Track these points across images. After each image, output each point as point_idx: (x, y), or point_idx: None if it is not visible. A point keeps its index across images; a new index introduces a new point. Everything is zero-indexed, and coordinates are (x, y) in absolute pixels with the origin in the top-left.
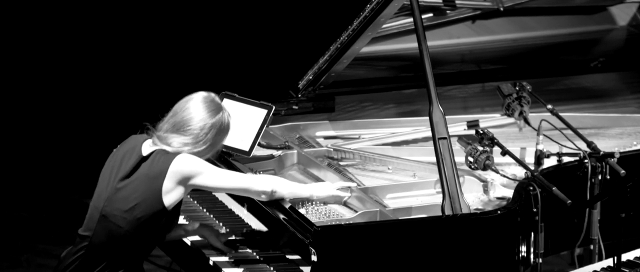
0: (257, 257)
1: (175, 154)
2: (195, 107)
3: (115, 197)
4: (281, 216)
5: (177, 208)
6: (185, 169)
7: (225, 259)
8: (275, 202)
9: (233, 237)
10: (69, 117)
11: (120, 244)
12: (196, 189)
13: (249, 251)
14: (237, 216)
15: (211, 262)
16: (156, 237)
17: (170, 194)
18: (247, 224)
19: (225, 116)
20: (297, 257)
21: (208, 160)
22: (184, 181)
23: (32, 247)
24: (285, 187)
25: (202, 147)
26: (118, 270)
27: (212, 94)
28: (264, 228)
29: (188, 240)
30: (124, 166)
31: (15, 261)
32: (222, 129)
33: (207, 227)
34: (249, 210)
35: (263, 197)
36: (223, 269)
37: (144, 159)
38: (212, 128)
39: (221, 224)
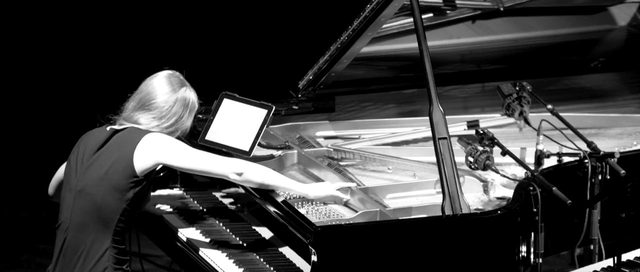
0: (257, 256)
1: (149, 131)
2: (158, 82)
3: (90, 169)
4: (281, 216)
5: (149, 178)
6: (156, 143)
7: (225, 258)
8: (276, 203)
9: (229, 233)
10: (68, 117)
11: (100, 216)
12: (187, 180)
13: (249, 250)
14: (238, 216)
15: (211, 262)
16: (133, 206)
17: (141, 161)
18: (248, 224)
19: (189, 92)
20: (297, 257)
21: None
22: (153, 154)
23: (32, 247)
24: (266, 175)
25: (168, 122)
26: (102, 246)
27: (177, 72)
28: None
29: (186, 238)
30: (92, 145)
31: (15, 261)
32: (186, 104)
33: (208, 225)
34: (249, 211)
35: (233, 178)
36: (223, 268)
37: (116, 132)
38: (176, 102)
39: (221, 224)
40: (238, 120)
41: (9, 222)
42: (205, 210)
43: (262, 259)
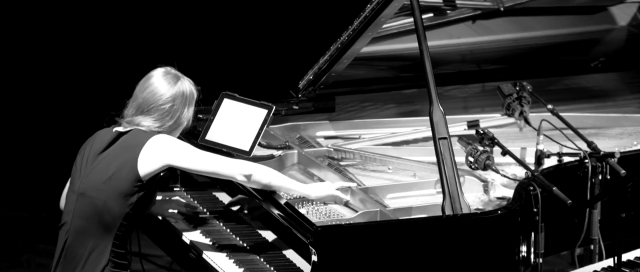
0: (258, 256)
1: (153, 133)
2: (154, 84)
3: (93, 172)
4: (282, 216)
5: (154, 182)
6: (162, 146)
7: (225, 258)
8: (276, 203)
9: (230, 233)
10: (68, 117)
11: (101, 221)
12: (187, 180)
13: (249, 250)
14: (238, 216)
15: (211, 262)
16: (136, 210)
17: (146, 166)
18: (248, 224)
19: (186, 84)
20: (297, 257)
21: (190, 143)
22: (159, 157)
23: (32, 247)
24: (273, 177)
25: (170, 121)
26: (103, 251)
27: (169, 67)
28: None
29: (187, 239)
30: (97, 146)
31: (15, 261)
32: (185, 98)
33: (207, 224)
34: (249, 211)
35: (240, 180)
36: (223, 268)
37: (121, 134)
38: (175, 100)
39: (222, 225)
40: (238, 120)
41: (9, 222)
42: (205, 209)
43: (262, 259)
